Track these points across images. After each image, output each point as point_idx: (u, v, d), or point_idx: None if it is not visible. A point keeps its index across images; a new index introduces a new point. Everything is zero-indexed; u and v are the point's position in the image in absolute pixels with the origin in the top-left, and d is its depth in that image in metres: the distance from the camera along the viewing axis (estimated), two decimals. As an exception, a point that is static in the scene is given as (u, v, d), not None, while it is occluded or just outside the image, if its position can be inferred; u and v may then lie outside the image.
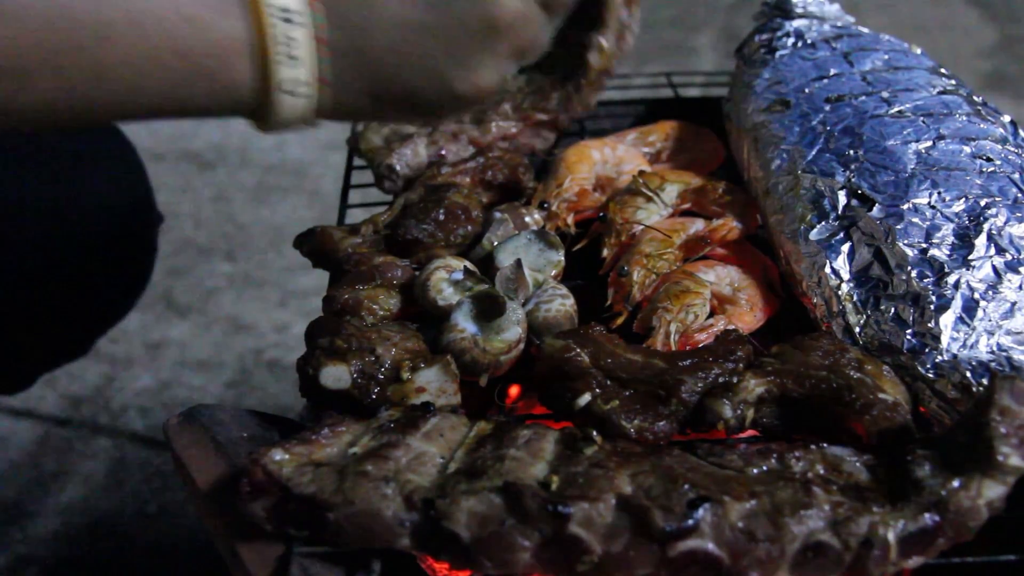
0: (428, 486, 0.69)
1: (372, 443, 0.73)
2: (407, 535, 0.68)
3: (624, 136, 1.20)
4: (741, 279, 0.98)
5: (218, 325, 2.34)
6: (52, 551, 1.80)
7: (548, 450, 0.72)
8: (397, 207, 1.04)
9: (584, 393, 0.78)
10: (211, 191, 2.84)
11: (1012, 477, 0.66)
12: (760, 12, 1.26)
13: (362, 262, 0.96)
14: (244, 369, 2.20)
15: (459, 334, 0.85)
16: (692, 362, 0.80)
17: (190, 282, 2.44)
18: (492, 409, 0.93)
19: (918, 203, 0.87)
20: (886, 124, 0.96)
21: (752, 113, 1.08)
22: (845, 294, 0.86)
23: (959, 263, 0.83)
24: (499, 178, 1.11)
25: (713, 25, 3.70)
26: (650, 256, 0.98)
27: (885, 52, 1.10)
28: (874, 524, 0.66)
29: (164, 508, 1.87)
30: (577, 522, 0.65)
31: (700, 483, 0.68)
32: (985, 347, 0.78)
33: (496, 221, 1.02)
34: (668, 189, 1.07)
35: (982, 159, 0.91)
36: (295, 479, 0.70)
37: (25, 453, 2.02)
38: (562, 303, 0.90)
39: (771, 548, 0.65)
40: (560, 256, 0.97)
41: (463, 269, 0.92)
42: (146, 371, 2.20)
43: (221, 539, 0.78)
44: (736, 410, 0.76)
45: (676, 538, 0.65)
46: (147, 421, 2.08)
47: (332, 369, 0.81)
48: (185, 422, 0.86)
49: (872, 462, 0.72)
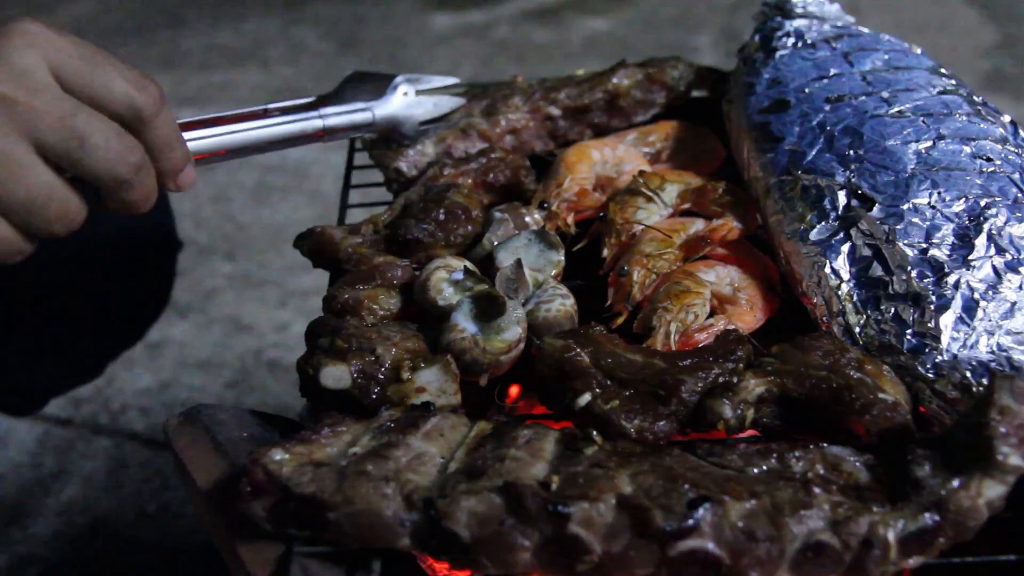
0: (428, 486, 0.69)
1: (372, 443, 0.73)
2: (407, 535, 0.68)
3: (624, 136, 1.20)
4: (741, 279, 0.98)
5: (218, 325, 2.35)
6: (52, 551, 1.80)
7: (548, 450, 0.72)
8: (397, 207, 1.04)
9: (584, 393, 0.78)
10: (211, 191, 2.84)
11: (1012, 477, 0.66)
12: (760, 12, 1.26)
13: (362, 262, 0.96)
14: (244, 369, 2.20)
15: (459, 334, 0.85)
16: (692, 362, 0.80)
17: (190, 282, 2.44)
18: (492, 409, 0.93)
19: (918, 203, 0.87)
20: (886, 124, 0.96)
21: (752, 113, 1.08)
22: (845, 294, 0.86)
23: (959, 263, 0.83)
24: (501, 180, 1.11)
25: (713, 25, 3.70)
26: (650, 256, 0.98)
27: (885, 52, 1.10)
28: (874, 524, 0.66)
29: (164, 508, 1.87)
30: (577, 522, 0.65)
31: (700, 483, 0.68)
32: (985, 347, 0.78)
33: (496, 221, 1.02)
34: (668, 189, 1.07)
35: (982, 159, 0.91)
36: (295, 479, 0.70)
37: (25, 453, 2.02)
38: (562, 303, 0.90)
39: (771, 548, 0.65)
40: (560, 256, 0.97)
41: (463, 269, 0.92)
42: (146, 371, 2.20)
43: (221, 539, 0.78)
44: (736, 410, 0.76)
45: (676, 538, 0.65)
46: (147, 421, 2.08)
47: (332, 369, 0.81)
48: (185, 422, 0.86)
49: (872, 462, 0.72)
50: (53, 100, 0.79)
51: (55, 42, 0.80)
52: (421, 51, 3.69)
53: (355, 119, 1.11)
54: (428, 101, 1.18)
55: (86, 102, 0.81)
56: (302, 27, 3.92)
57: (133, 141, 0.84)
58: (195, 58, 3.72)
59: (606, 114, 1.23)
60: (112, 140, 0.81)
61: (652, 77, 1.23)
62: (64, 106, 0.79)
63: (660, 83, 1.23)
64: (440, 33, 3.83)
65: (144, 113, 0.83)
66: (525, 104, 1.20)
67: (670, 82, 1.23)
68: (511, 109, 1.20)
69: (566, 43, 3.68)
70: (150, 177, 0.86)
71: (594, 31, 3.77)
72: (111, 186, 0.83)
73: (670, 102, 1.24)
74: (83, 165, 0.80)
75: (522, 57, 3.55)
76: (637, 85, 1.22)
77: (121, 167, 0.82)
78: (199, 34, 3.90)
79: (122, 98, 0.82)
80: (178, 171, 0.89)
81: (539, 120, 1.21)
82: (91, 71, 0.81)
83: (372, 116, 1.13)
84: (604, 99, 1.22)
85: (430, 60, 3.59)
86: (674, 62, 1.25)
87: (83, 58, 0.81)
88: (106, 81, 0.81)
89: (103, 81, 0.81)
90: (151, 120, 0.84)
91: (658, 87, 1.23)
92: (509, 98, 1.20)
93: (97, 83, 0.81)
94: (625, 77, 1.22)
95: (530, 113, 1.20)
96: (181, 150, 0.89)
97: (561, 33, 3.76)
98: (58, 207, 0.81)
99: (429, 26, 3.89)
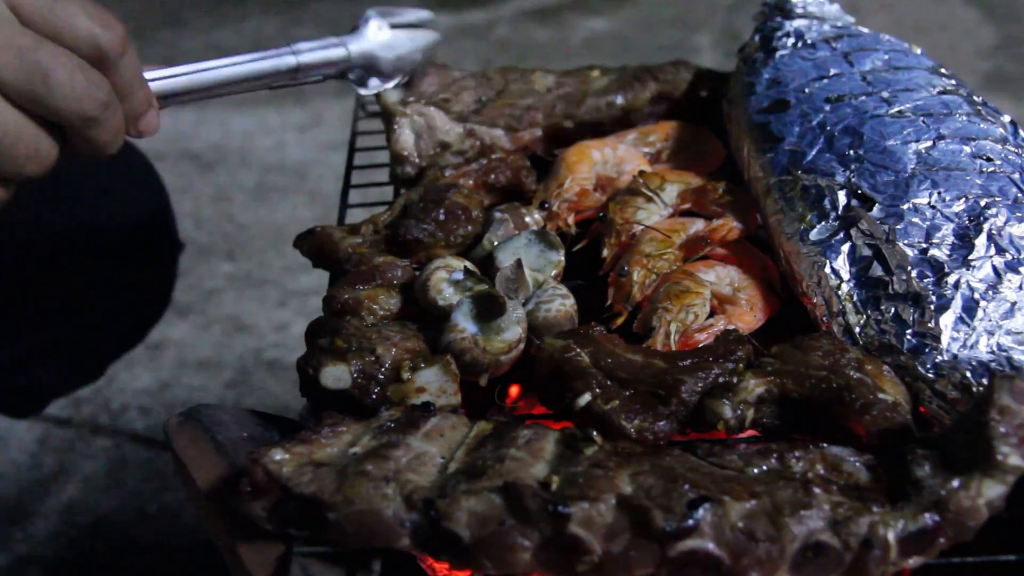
0: (428, 486, 0.69)
1: (372, 443, 0.73)
2: (407, 535, 0.68)
3: (624, 136, 1.20)
4: (741, 279, 0.98)
5: (218, 325, 2.35)
6: (52, 551, 1.80)
7: (548, 450, 0.72)
8: (397, 207, 1.04)
9: (584, 393, 0.78)
10: (211, 191, 2.84)
11: (1012, 476, 0.66)
12: (760, 12, 1.26)
13: (362, 262, 0.96)
14: (244, 369, 2.20)
15: (459, 334, 0.85)
16: (692, 362, 0.80)
17: (190, 282, 2.44)
18: (492, 409, 0.93)
19: (918, 203, 0.87)
20: (886, 124, 0.96)
21: (752, 113, 1.08)
22: (845, 294, 0.86)
23: (959, 263, 0.83)
24: (501, 180, 1.11)
25: (713, 25, 3.70)
26: (650, 256, 0.98)
27: (885, 52, 1.10)
28: (874, 524, 0.66)
29: (164, 508, 1.87)
30: (577, 522, 0.65)
31: (700, 483, 0.68)
32: (985, 347, 0.78)
33: (496, 221, 1.03)
34: (668, 189, 1.07)
35: (982, 159, 0.91)
36: (295, 479, 0.70)
37: (25, 453, 2.02)
38: (562, 303, 0.90)
39: (771, 548, 0.65)
40: (560, 256, 0.97)
41: (463, 269, 0.92)
42: (146, 371, 2.20)
43: (221, 539, 0.78)
44: (736, 410, 0.76)
45: (676, 538, 0.65)
46: (147, 421, 2.08)
47: (332, 369, 0.81)
48: (185, 422, 0.86)
49: (872, 462, 0.72)
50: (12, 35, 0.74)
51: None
52: (421, 51, 3.69)
53: (329, 55, 1.08)
54: (403, 35, 1.15)
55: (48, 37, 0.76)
56: (302, 27, 3.92)
57: (99, 76, 0.79)
58: (195, 58, 3.70)
59: (616, 127, 1.23)
60: (77, 75, 0.77)
61: (663, 93, 1.23)
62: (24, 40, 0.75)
63: (669, 96, 1.24)
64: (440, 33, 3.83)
65: (109, 53, 0.79)
66: (545, 120, 1.20)
67: (677, 95, 1.24)
68: (532, 125, 1.19)
69: (566, 43, 3.68)
70: (117, 115, 0.82)
71: (594, 31, 3.77)
72: (77, 124, 0.79)
73: (670, 107, 1.25)
74: (47, 103, 0.76)
75: (522, 57, 3.55)
76: (649, 101, 1.23)
77: (88, 103, 0.78)
78: (199, 34, 3.90)
79: (86, 35, 0.77)
80: (140, 115, 0.85)
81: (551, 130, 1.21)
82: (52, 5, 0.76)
83: (347, 51, 1.10)
84: (620, 115, 1.22)
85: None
86: (677, 66, 1.25)
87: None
88: (69, 16, 0.77)
89: (66, 16, 0.77)
90: (116, 60, 0.80)
91: (665, 97, 1.24)
92: (532, 112, 1.19)
93: (60, 18, 0.77)
94: (641, 90, 1.22)
95: (547, 126, 1.20)
96: (143, 93, 0.85)
97: (561, 33, 3.76)
98: (27, 146, 0.77)
99: (429, 26, 3.89)
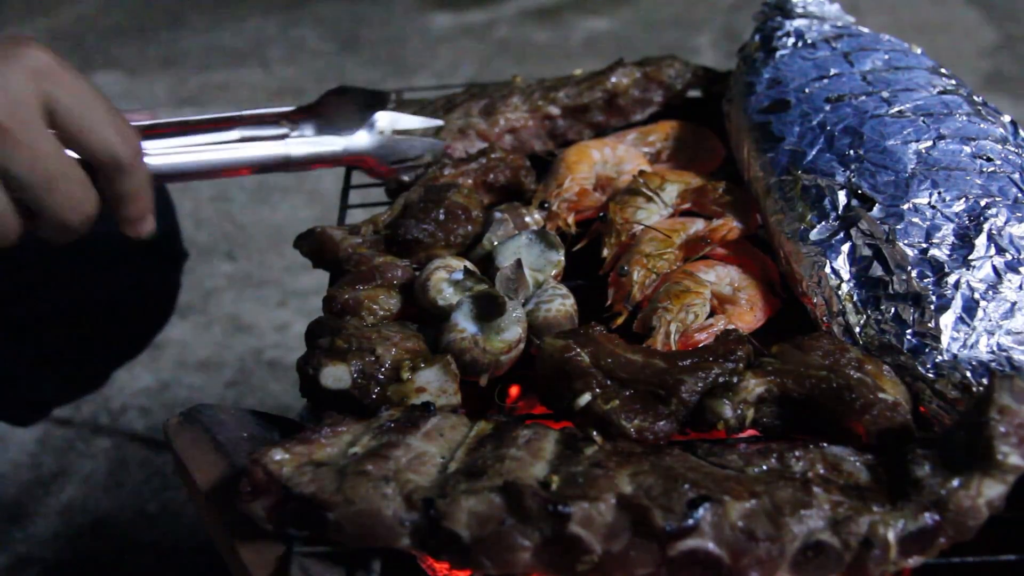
0: (428, 486, 0.69)
1: (372, 443, 0.73)
2: (407, 535, 0.68)
3: (624, 136, 1.20)
4: (741, 279, 0.98)
5: (218, 325, 2.35)
6: (52, 551, 1.80)
7: (548, 450, 0.72)
8: (397, 207, 1.04)
9: (584, 393, 0.78)
10: (211, 191, 2.84)
11: (1012, 476, 0.66)
12: (760, 12, 1.26)
13: (362, 262, 0.96)
14: (244, 369, 2.20)
15: (459, 334, 0.85)
16: (692, 362, 0.80)
17: (190, 282, 2.43)
18: (492, 409, 0.93)
19: (918, 203, 0.87)
20: (886, 124, 0.96)
21: (752, 113, 1.08)
22: (845, 294, 0.86)
23: (959, 263, 0.83)
24: (501, 180, 1.11)
25: (713, 25, 3.70)
26: (650, 256, 0.98)
27: (885, 52, 1.10)
28: (874, 524, 0.66)
29: (164, 508, 1.87)
30: (577, 522, 0.65)
31: (700, 483, 0.68)
32: (985, 347, 0.78)
33: (496, 221, 1.02)
34: (668, 189, 1.07)
35: (982, 159, 0.91)
36: (295, 479, 0.70)
37: (25, 453, 2.02)
38: (562, 303, 0.90)
39: (771, 547, 0.65)
40: (560, 256, 0.97)
41: (463, 269, 0.92)
42: (146, 371, 2.20)
43: (221, 539, 0.78)
44: (736, 410, 0.76)
45: (676, 538, 0.65)
46: (147, 421, 2.08)
47: (332, 369, 0.81)
48: (185, 422, 0.86)
49: (872, 462, 0.72)
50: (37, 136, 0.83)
51: (56, 76, 0.83)
52: (421, 51, 3.69)
53: (322, 152, 1.10)
54: (404, 142, 1.15)
55: (71, 139, 0.85)
56: (302, 27, 3.93)
57: (94, 195, 0.88)
58: (195, 58, 3.72)
59: (605, 113, 1.23)
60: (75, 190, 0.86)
61: (650, 76, 1.23)
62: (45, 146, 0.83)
63: (657, 81, 1.24)
64: (440, 33, 3.83)
65: (123, 163, 0.88)
66: (524, 104, 1.20)
67: (667, 80, 1.24)
68: (510, 108, 1.20)
69: (566, 43, 3.68)
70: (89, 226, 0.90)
71: (594, 31, 3.77)
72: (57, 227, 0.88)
73: (667, 101, 1.25)
74: (41, 205, 0.85)
75: (522, 57, 3.55)
76: (635, 84, 1.23)
77: (74, 216, 0.87)
78: (199, 34, 3.90)
79: (104, 145, 0.86)
80: (139, 219, 0.94)
81: (538, 120, 1.21)
82: (82, 112, 0.85)
83: (341, 151, 1.11)
84: (603, 98, 1.22)
85: (430, 60, 3.59)
86: (670, 60, 1.25)
87: (78, 96, 0.84)
88: (93, 125, 0.85)
89: (91, 124, 0.85)
90: (127, 170, 0.89)
91: (655, 85, 1.24)
92: (508, 98, 1.20)
93: (85, 125, 0.85)
94: (623, 76, 1.22)
95: (529, 113, 1.20)
96: (146, 200, 0.93)
97: (561, 33, 3.76)
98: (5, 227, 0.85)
99: (429, 26, 3.89)
